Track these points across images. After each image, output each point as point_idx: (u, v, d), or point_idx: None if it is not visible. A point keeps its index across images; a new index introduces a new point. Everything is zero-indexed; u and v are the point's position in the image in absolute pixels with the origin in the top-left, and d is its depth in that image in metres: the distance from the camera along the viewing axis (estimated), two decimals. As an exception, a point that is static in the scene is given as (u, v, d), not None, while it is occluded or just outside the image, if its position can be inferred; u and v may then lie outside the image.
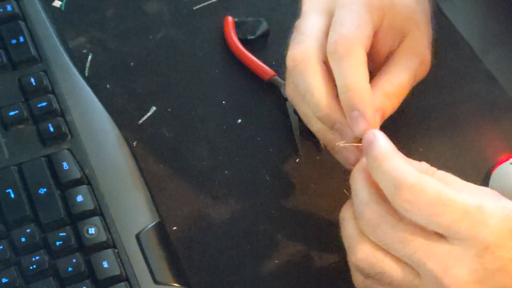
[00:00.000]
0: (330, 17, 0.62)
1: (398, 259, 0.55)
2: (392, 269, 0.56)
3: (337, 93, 0.60)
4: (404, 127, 0.64)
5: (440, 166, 0.58)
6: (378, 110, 0.61)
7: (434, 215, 0.53)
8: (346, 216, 0.58)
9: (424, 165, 0.57)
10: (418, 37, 0.64)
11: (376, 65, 0.65)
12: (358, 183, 0.57)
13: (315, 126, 0.63)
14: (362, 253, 0.56)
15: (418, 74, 0.64)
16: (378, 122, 0.61)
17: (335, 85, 0.60)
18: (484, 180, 0.68)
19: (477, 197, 0.54)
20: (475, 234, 0.53)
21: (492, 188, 0.66)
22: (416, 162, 0.57)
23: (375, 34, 0.63)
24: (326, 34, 0.61)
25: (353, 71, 0.59)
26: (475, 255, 0.53)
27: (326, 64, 0.61)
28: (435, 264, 0.53)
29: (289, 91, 0.64)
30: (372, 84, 0.62)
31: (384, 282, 0.57)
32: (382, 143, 0.56)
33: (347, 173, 0.69)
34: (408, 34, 0.64)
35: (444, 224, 0.53)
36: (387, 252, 0.55)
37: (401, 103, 0.63)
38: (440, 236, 0.54)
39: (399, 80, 0.63)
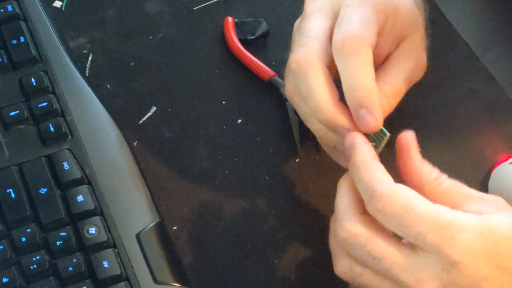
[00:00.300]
0: (334, 19, 0.62)
1: (375, 272, 0.56)
2: (371, 281, 0.57)
3: (339, 97, 0.60)
4: (402, 127, 0.64)
5: (439, 167, 0.58)
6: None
7: (402, 225, 0.54)
8: (331, 228, 0.60)
9: (434, 172, 0.58)
10: (417, 40, 0.65)
11: (374, 65, 0.65)
12: (339, 194, 0.59)
13: (315, 126, 0.63)
14: (341, 267, 0.58)
15: (414, 76, 0.65)
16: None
17: (338, 88, 0.60)
18: (483, 180, 0.68)
19: (472, 211, 0.55)
20: (441, 249, 0.53)
21: (492, 188, 0.67)
22: (427, 167, 0.58)
23: (378, 36, 0.63)
24: (330, 37, 0.61)
25: (360, 69, 0.59)
26: (442, 269, 0.54)
27: (329, 68, 0.61)
28: (408, 277, 0.55)
29: (290, 91, 0.63)
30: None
31: None
32: (362, 149, 0.58)
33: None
34: (407, 37, 0.65)
35: (412, 235, 0.54)
36: (365, 266, 0.57)
37: (399, 104, 0.63)
38: (413, 248, 0.55)
39: (396, 81, 0.63)
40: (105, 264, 0.62)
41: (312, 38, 0.61)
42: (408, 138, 0.59)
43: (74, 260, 0.62)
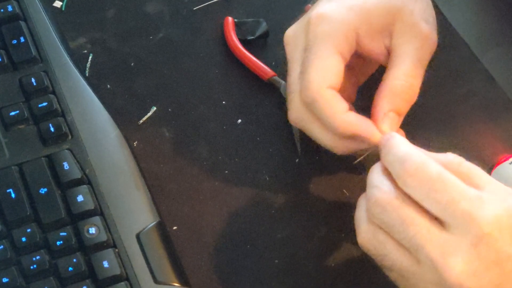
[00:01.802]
0: None
1: (399, 244, 0.56)
2: (393, 251, 0.56)
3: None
4: (402, 127, 0.64)
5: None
6: (389, 113, 0.62)
7: (433, 190, 0.54)
8: (360, 201, 0.60)
9: (450, 155, 0.58)
10: (408, 19, 0.64)
11: (381, 61, 0.66)
12: (372, 172, 0.59)
13: (328, 139, 0.64)
14: (366, 234, 0.58)
15: (425, 52, 0.64)
16: (397, 123, 0.63)
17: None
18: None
19: (495, 193, 0.55)
20: (473, 218, 0.53)
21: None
22: (441, 155, 0.58)
23: (361, 44, 0.64)
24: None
25: (327, 112, 0.61)
26: (470, 243, 0.53)
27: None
28: (432, 249, 0.54)
29: (295, 117, 0.65)
30: (380, 86, 0.63)
31: (386, 266, 0.58)
32: (398, 138, 0.59)
33: (346, 173, 0.70)
34: (396, 22, 0.64)
35: (442, 202, 0.54)
36: (390, 235, 0.56)
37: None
38: (440, 224, 0.54)
39: (404, 71, 0.63)
40: (105, 264, 0.62)
41: (293, 92, 0.64)
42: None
43: (74, 260, 0.62)
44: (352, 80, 0.68)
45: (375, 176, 0.58)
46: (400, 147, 0.58)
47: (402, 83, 0.63)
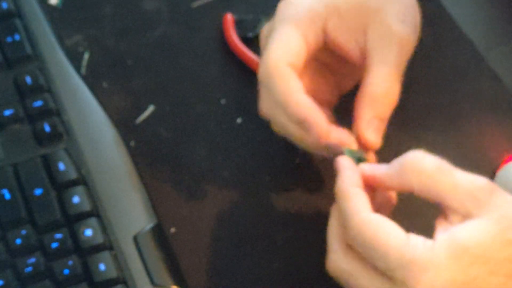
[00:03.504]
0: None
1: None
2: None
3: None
4: (405, 126, 0.64)
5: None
6: (371, 121, 0.61)
7: (373, 258, 0.54)
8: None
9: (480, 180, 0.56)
10: (382, 20, 0.62)
11: (358, 63, 0.64)
12: (329, 223, 0.59)
13: (293, 131, 0.63)
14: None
15: (402, 55, 0.63)
16: (382, 129, 0.61)
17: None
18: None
19: (454, 206, 0.54)
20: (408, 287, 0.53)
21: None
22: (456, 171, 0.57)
23: (333, 40, 0.63)
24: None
25: (281, 88, 0.61)
26: None
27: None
28: None
29: (264, 108, 0.64)
30: (358, 93, 0.62)
31: None
32: (343, 175, 0.58)
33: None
34: (369, 21, 0.63)
35: (383, 269, 0.54)
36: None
37: (402, 102, 0.63)
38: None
39: (380, 76, 0.62)
40: (102, 266, 0.62)
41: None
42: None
43: (70, 263, 0.62)
44: (331, 82, 0.67)
45: (330, 236, 0.59)
46: (344, 197, 0.57)
47: (382, 90, 0.61)
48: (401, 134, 0.68)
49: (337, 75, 0.67)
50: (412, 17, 0.64)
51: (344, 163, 0.59)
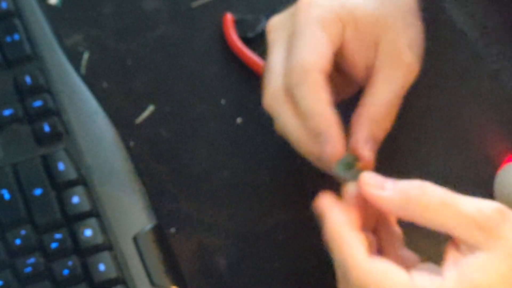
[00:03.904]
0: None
1: None
2: None
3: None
4: (406, 127, 0.64)
5: (443, 167, 0.58)
6: (368, 140, 0.61)
7: None
8: None
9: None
10: (394, 43, 0.62)
11: (359, 79, 0.64)
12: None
13: (300, 139, 0.62)
14: None
15: (405, 82, 0.63)
16: (375, 150, 0.61)
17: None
18: (488, 181, 0.68)
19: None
20: None
21: (497, 189, 0.67)
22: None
23: (343, 49, 0.62)
24: None
25: (310, 97, 0.59)
26: None
27: None
28: None
29: (270, 102, 0.63)
30: (359, 109, 0.62)
31: None
32: (331, 218, 0.57)
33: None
34: (381, 41, 0.62)
35: None
36: None
37: (402, 103, 0.63)
38: None
39: (384, 99, 0.62)
40: (101, 267, 0.62)
41: (274, 74, 0.62)
42: None
43: (70, 263, 0.61)
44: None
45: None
46: (336, 241, 0.56)
47: (384, 111, 0.61)
48: (401, 134, 0.68)
49: (335, 86, 0.65)
50: (419, 47, 0.64)
51: (327, 205, 0.58)
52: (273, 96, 0.62)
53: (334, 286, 0.65)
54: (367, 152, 0.61)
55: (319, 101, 0.59)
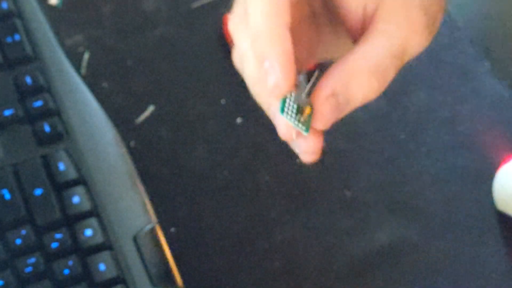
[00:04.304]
0: None
1: None
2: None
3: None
4: (406, 126, 0.64)
5: (443, 167, 0.58)
6: (336, 96, 0.47)
7: None
8: None
9: None
10: None
11: (353, 30, 0.51)
12: None
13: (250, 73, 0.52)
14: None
15: (407, 44, 0.49)
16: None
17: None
18: (488, 180, 0.68)
19: None
20: None
21: (497, 187, 0.67)
22: None
23: None
24: None
25: (261, 10, 0.48)
26: None
27: None
28: None
29: (232, 24, 0.53)
30: (340, 61, 0.48)
31: None
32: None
33: (348, 174, 0.70)
34: None
35: None
36: None
37: (402, 103, 0.63)
38: None
39: (376, 55, 0.48)
40: (102, 266, 0.61)
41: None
42: None
43: (70, 263, 0.61)
44: (312, 37, 0.54)
45: None
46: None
47: (371, 69, 0.47)
48: (401, 134, 0.68)
49: (321, 34, 0.54)
50: (434, 12, 0.51)
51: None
52: (233, 20, 0.52)
53: (334, 286, 0.65)
54: (326, 107, 0.47)
55: (271, 17, 0.47)
